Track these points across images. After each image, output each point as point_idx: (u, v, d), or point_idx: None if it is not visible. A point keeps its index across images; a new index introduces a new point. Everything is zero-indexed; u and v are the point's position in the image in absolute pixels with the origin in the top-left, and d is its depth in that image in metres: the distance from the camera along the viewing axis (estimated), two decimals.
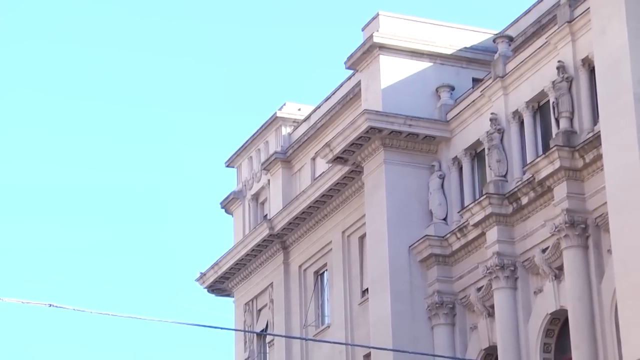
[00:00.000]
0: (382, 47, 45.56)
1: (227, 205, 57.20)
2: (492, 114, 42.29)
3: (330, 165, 47.28)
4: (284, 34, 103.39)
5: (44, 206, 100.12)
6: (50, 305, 21.18)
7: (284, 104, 54.38)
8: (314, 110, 52.47)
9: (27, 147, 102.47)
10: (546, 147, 39.89)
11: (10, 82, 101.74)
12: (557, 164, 38.37)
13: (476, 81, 45.10)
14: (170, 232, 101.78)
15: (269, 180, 53.91)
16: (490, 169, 41.88)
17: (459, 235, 42.91)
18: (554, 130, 39.50)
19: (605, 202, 36.02)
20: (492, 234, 41.07)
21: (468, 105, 43.91)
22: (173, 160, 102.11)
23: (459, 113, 44.26)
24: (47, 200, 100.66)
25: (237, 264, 53.71)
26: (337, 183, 47.72)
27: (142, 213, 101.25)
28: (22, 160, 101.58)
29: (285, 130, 53.71)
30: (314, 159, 51.40)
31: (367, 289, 46.01)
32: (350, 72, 48.47)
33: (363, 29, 46.96)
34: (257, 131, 55.16)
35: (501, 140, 41.90)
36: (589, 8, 37.43)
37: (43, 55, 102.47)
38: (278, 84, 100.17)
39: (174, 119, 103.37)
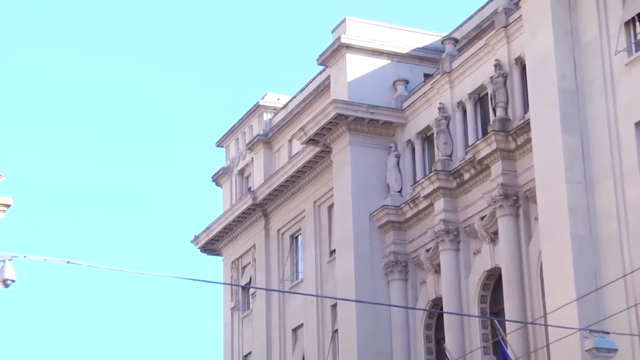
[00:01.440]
0: (349, 47, 45.37)
1: (217, 179, 57.06)
2: (440, 103, 42.24)
3: (304, 146, 47.13)
4: (267, 36, 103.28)
5: (72, 193, 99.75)
6: (69, 262, 21.05)
7: (266, 94, 54.17)
8: (291, 100, 52.29)
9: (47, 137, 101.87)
10: (485, 132, 39.86)
11: (12, 83, 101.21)
12: (493, 146, 38.36)
13: (427, 76, 44.87)
14: (170, 202, 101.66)
15: (252, 158, 53.76)
16: (438, 149, 41.82)
17: (411, 205, 42.84)
18: (492, 117, 39.45)
19: (534, 178, 36.13)
20: (439, 204, 41.01)
21: (420, 97, 43.78)
22: (173, 141, 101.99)
23: (412, 103, 44.15)
24: (74, 189, 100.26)
25: (225, 228, 53.59)
26: (310, 161, 47.57)
27: (147, 187, 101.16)
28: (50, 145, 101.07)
29: (267, 116, 53.54)
30: (290, 140, 51.23)
31: (334, 250, 45.92)
32: (321, 67, 48.26)
33: (332, 31, 46.79)
34: (243, 117, 55.00)
35: (447, 125, 41.80)
36: (521, 15, 37.42)
37: (43, 59, 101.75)
38: (261, 77, 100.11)
39: (176, 110, 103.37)
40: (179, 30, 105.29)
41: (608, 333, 27.48)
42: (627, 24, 33.92)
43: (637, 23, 33.77)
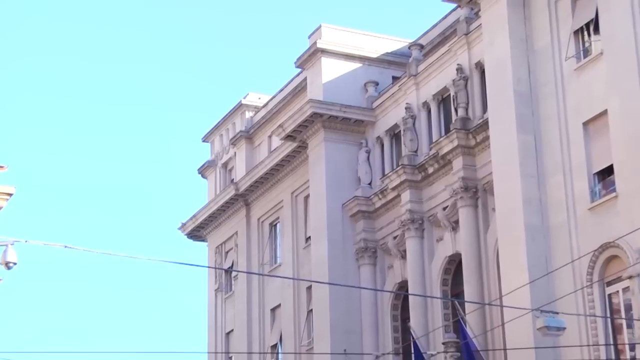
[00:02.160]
0: (324, 51, 45.28)
1: (203, 171, 56.90)
2: (407, 104, 42.22)
3: (283, 141, 47.00)
4: (250, 41, 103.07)
5: (72, 193, 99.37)
6: (66, 246, 20.97)
7: (248, 94, 53.97)
8: (271, 99, 52.13)
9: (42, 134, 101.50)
10: (447, 130, 39.84)
11: (18, 86, 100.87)
12: (455, 143, 38.37)
13: (395, 78, 44.83)
14: (159, 192, 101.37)
15: (235, 153, 53.62)
16: (405, 146, 41.80)
17: (380, 196, 42.85)
18: (454, 117, 39.42)
19: (491, 172, 36.12)
20: (406, 195, 41.00)
21: (388, 97, 43.76)
22: (163, 138, 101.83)
23: (381, 103, 44.12)
24: (72, 180, 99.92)
25: (210, 216, 53.43)
26: (288, 155, 47.46)
27: (138, 178, 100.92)
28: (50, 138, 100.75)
29: (248, 114, 53.39)
30: (270, 136, 51.07)
31: (309, 237, 45.86)
32: (299, 70, 48.06)
33: (309, 37, 46.68)
34: (227, 114, 54.84)
35: (413, 124, 41.80)
36: (481, 24, 37.41)
37: (43, 66, 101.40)
38: (243, 79, 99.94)
39: (165, 110, 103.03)
40: (171, 40, 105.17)
41: (557, 313, 27.46)
42: (576, 32, 33.98)
43: (585, 32, 33.82)
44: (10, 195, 19.67)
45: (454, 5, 39.90)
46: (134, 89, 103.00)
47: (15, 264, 19.79)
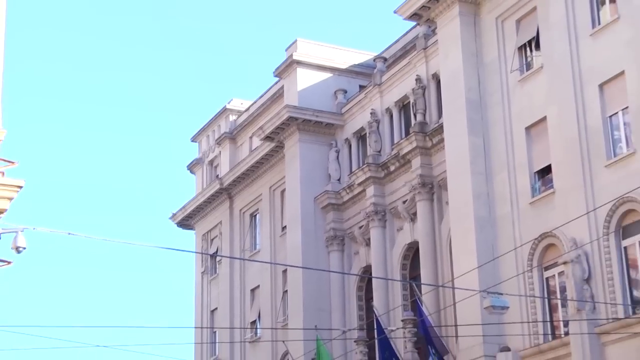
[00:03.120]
0: (299, 63, 45.23)
1: (192, 167, 56.69)
2: (372, 109, 42.26)
3: (262, 141, 46.99)
4: (235, 53, 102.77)
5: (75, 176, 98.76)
6: (70, 233, 20.87)
7: (232, 100, 53.76)
8: (252, 104, 52.03)
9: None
10: (407, 133, 39.89)
11: (24, 88, 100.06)
12: (414, 144, 38.43)
13: (362, 87, 44.86)
14: (153, 186, 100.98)
15: (220, 152, 53.43)
16: (370, 146, 41.81)
17: (347, 191, 42.86)
18: (413, 121, 39.51)
19: (445, 170, 36.15)
20: (370, 190, 41.01)
21: (356, 104, 43.78)
22: (157, 138, 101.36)
23: (349, 108, 44.14)
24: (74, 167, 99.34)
25: (197, 207, 53.25)
26: (266, 154, 47.40)
27: (135, 173, 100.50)
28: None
29: (232, 117, 53.23)
30: (251, 137, 50.96)
31: (285, 226, 45.78)
32: (277, 79, 48.08)
33: (286, 50, 46.63)
34: (213, 117, 54.68)
35: (377, 127, 41.82)
36: (437, 40, 37.54)
37: (42, 70, 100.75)
38: (228, 86, 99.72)
39: (160, 113, 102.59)
40: (165, 51, 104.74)
41: (502, 294, 27.42)
42: (519, 48, 34.15)
43: (528, 48, 33.98)
44: (20, 187, 19.55)
45: (413, 23, 39.96)
46: (131, 95, 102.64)
47: (24, 248, 19.71)
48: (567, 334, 30.48)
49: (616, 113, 30.37)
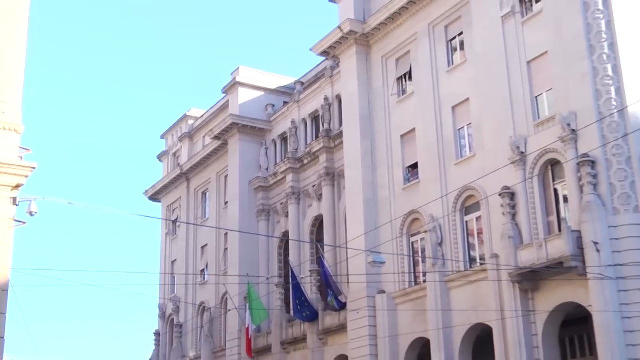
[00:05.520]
0: (241, 84, 44.92)
1: (161, 157, 56.12)
2: (292, 119, 42.15)
3: (212, 140, 46.68)
4: (194, 75, 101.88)
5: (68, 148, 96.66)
6: (70, 202, 20.69)
7: (191, 109, 53.41)
8: (205, 112, 51.66)
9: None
10: (317, 136, 40.00)
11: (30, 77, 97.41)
12: (322, 145, 38.49)
13: (285, 103, 44.66)
14: (132, 170, 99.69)
15: (181, 146, 53.12)
16: (290, 146, 41.65)
17: (273, 177, 42.59)
18: (321, 128, 39.50)
19: (344, 164, 36.17)
20: (289, 177, 40.85)
21: (280, 115, 43.58)
22: (137, 134, 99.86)
23: (276, 118, 43.95)
24: (71, 144, 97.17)
25: (163, 187, 52.59)
26: (215, 149, 47.06)
27: (119, 162, 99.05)
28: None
29: (190, 122, 52.86)
30: (204, 136, 50.65)
31: (227, 202, 45.46)
32: (224, 94, 47.74)
33: (231, 74, 46.21)
34: (177, 121, 53.90)
35: (296, 132, 41.76)
36: (340, 70, 37.57)
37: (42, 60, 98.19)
38: (187, 99, 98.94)
39: (138, 115, 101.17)
40: (142, 64, 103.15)
41: (380, 253, 27.71)
42: (398, 79, 34.46)
43: (403, 79, 34.31)
44: (34, 168, 19.62)
45: (323, 58, 40.01)
46: (115, 106, 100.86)
47: (36, 213, 19.74)
48: (425, 281, 30.99)
49: (463, 127, 31.15)
